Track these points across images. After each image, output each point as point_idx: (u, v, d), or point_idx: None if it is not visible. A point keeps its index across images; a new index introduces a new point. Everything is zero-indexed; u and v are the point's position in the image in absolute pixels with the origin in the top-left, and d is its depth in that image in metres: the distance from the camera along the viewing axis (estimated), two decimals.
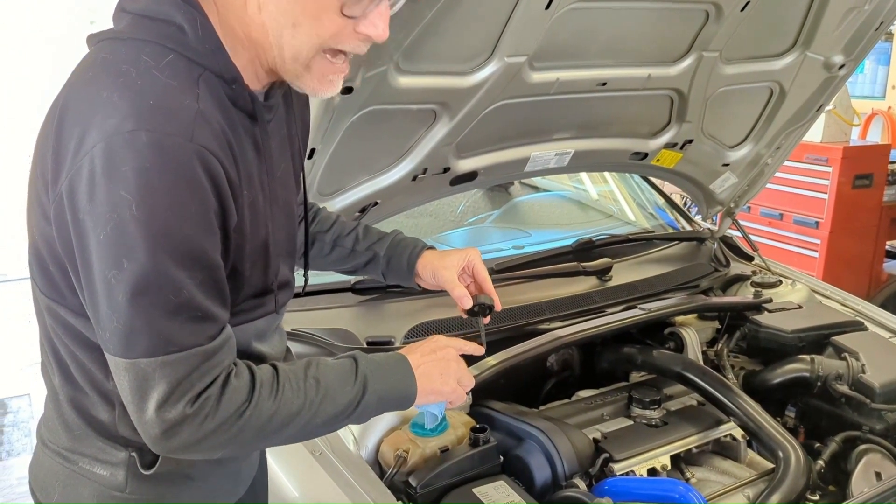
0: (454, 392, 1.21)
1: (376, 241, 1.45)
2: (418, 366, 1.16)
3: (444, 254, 1.43)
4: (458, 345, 1.27)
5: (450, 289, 1.39)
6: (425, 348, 1.21)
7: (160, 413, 0.90)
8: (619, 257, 2.28)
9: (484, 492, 1.39)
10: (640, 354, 1.86)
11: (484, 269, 1.44)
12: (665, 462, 1.57)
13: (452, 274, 1.39)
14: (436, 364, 1.19)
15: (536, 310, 1.95)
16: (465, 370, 1.24)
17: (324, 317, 1.88)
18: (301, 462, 1.46)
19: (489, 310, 1.44)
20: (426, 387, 1.16)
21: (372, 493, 1.37)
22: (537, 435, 1.55)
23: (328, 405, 1.04)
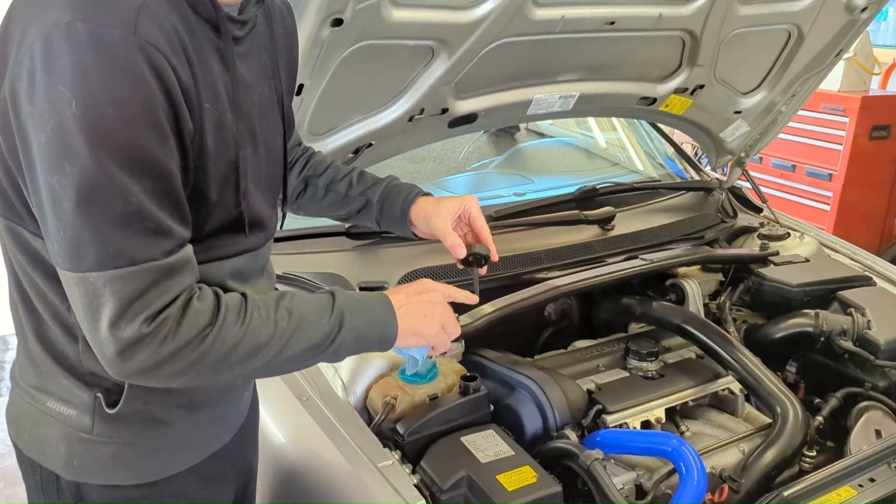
0: (437, 336, 1.15)
1: (370, 186, 1.39)
2: (401, 306, 1.11)
3: (440, 201, 1.38)
4: (448, 290, 1.22)
5: (443, 237, 1.34)
6: (411, 289, 1.16)
7: (113, 331, 0.86)
8: (623, 206, 2.22)
9: (472, 440, 1.37)
10: (639, 305, 1.82)
11: (481, 217, 1.38)
12: (659, 415, 1.54)
13: (446, 222, 1.33)
14: (420, 306, 1.13)
15: (535, 258, 1.90)
16: (451, 316, 1.19)
17: (316, 261, 1.84)
18: (287, 407, 1.44)
19: (484, 260, 1.39)
20: (408, 328, 1.11)
21: (358, 440, 1.35)
22: (529, 384, 1.52)
23: (301, 338, 0.99)
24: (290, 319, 0.99)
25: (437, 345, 1.18)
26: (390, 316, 1.10)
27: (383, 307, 1.10)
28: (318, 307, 1.03)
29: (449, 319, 1.18)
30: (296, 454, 1.39)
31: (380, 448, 1.34)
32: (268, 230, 1.11)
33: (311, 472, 1.34)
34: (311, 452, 1.37)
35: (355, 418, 1.42)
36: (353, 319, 1.04)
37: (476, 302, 1.29)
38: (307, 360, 1.05)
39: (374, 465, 1.29)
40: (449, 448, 1.35)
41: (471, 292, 1.28)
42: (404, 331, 1.11)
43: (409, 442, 1.36)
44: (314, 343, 1.01)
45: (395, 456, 1.33)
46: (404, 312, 1.11)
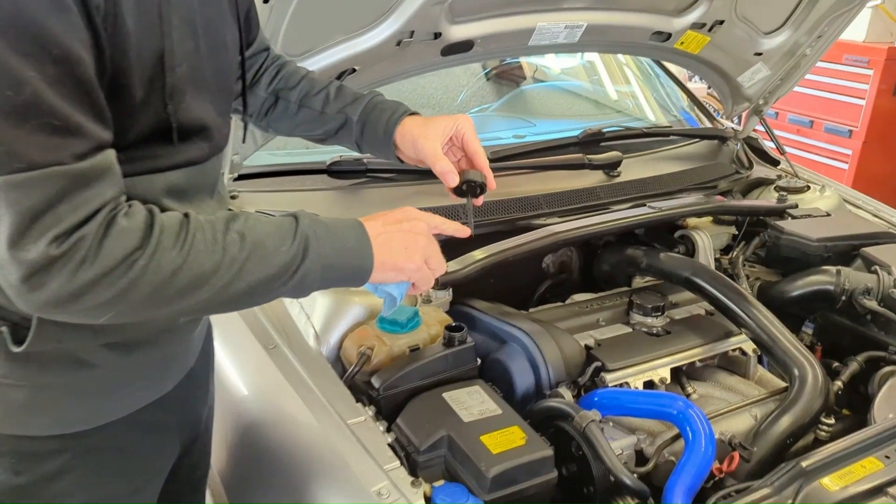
0: (420, 271, 1.00)
1: (350, 103, 1.23)
2: (378, 234, 0.96)
3: (428, 121, 1.20)
4: (434, 220, 1.05)
5: (432, 162, 1.16)
6: (390, 217, 1.00)
7: (15, 252, 0.71)
8: (631, 152, 2.06)
9: (455, 397, 1.23)
10: (645, 257, 1.66)
11: (476, 139, 1.21)
12: (664, 375, 1.40)
13: (435, 144, 1.16)
14: (401, 235, 0.98)
15: (533, 203, 1.74)
16: (436, 250, 1.03)
17: (292, 200, 1.68)
18: (251, 355, 1.30)
19: (480, 189, 1.22)
20: (385, 259, 0.96)
21: (328, 393, 1.21)
22: (521, 337, 1.37)
23: (256, 266, 0.85)
24: (243, 244, 0.84)
25: (419, 282, 1.03)
26: (365, 245, 0.94)
27: (357, 235, 0.95)
28: (277, 231, 0.88)
29: (433, 253, 1.02)
30: (259, 408, 1.26)
31: (351, 403, 1.20)
32: (214, 141, 0.95)
33: (274, 427, 1.20)
34: (274, 407, 1.23)
35: (326, 370, 1.28)
36: (319, 247, 0.89)
37: (468, 235, 1.14)
38: (265, 294, 0.89)
39: (344, 422, 1.15)
40: (429, 405, 1.21)
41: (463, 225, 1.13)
42: (381, 263, 0.96)
43: (385, 397, 1.22)
44: (272, 273, 0.86)
45: (368, 412, 1.19)
46: (382, 242, 0.96)
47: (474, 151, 1.20)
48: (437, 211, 1.61)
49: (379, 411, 1.22)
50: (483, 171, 1.20)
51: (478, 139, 1.21)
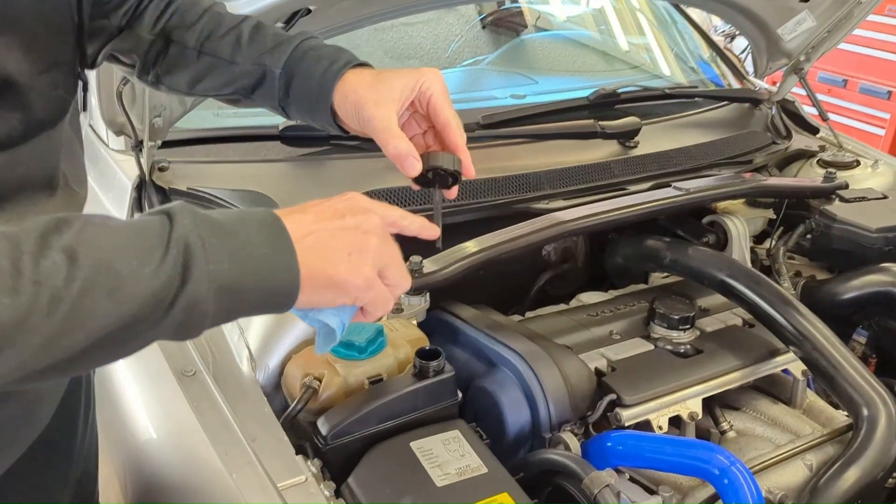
0: (370, 289, 0.67)
1: (271, 48, 0.89)
2: (307, 235, 0.64)
3: (380, 77, 0.86)
4: (391, 213, 0.72)
5: (382, 140, 0.82)
6: (327, 208, 0.68)
7: None
8: (650, 118, 1.73)
9: (427, 447, 0.93)
10: (668, 250, 1.35)
11: (447, 104, 0.86)
12: (695, 409, 1.11)
13: (388, 113, 0.82)
14: (342, 236, 0.66)
15: (533, 182, 1.42)
16: (395, 257, 0.70)
17: (236, 173, 1.36)
18: (161, 386, 1.00)
19: (452, 178, 0.88)
20: (317, 273, 0.64)
21: (258, 439, 0.92)
22: (514, 361, 1.08)
23: (101, 304, 0.54)
24: (74, 271, 0.53)
25: (371, 305, 0.70)
26: (284, 251, 0.62)
27: (271, 236, 0.62)
28: (136, 241, 0.56)
29: (391, 261, 0.70)
30: (162, 460, 0.96)
31: (289, 455, 0.91)
32: (33, 111, 0.65)
33: (176, 491, 0.91)
34: (181, 459, 0.94)
35: (259, 407, 0.98)
36: (210, 259, 0.57)
37: (436, 236, 0.82)
38: (123, 345, 0.58)
39: (273, 485, 0.86)
40: (392, 459, 0.92)
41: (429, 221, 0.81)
42: (311, 278, 0.63)
43: (334, 447, 0.93)
44: (131, 311, 0.55)
45: (310, 468, 0.90)
46: (312, 246, 0.64)
47: (445, 122, 0.85)
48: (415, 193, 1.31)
49: (326, 466, 0.93)
50: (456, 152, 0.87)
51: (450, 103, 0.86)
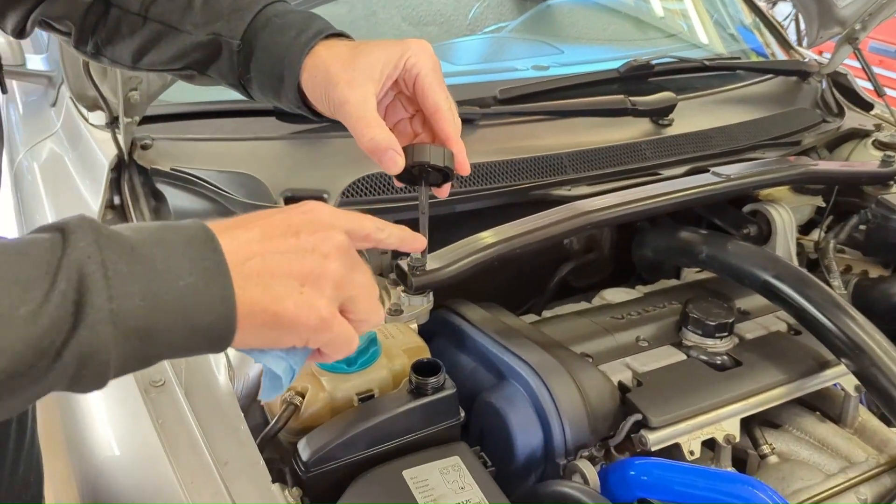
0: (327, 330, 0.53)
1: (228, 14, 0.75)
2: (249, 258, 0.51)
3: (357, 51, 0.71)
4: (363, 228, 0.58)
5: (356, 129, 0.68)
6: (276, 224, 0.54)
7: None
8: (687, 92, 1.57)
9: (420, 477, 0.81)
10: (705, 244, 1.21)
11: (438, 82, 0.72)
12: (731, 431, 0.97)
13: (364, 94, 0.68)
14: (292, 260, 0.52)
15: (554, 164, 1.28)
16: (364, 284, 0.56)
17: (226, 152, 1.24)
18: (121, 395, 0.88)
19: (444, 175, 0.75)
20: (259, 308, 0.50)
21: (231, 463, 0.80)
22: (524, 374, 0.95)
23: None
24: None
25: (330, 346, 0.56)
26: (215, 279, 0.48)
27: (198, 258, 0.48)
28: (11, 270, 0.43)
29: (358, 290, 0.55)
30: (123, 482, 0.85)
31: (264, 482, 0.79)
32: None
33: None
34: (142, 483, 0.83)
35: (235, 424, 0.86)
36: (113, 294, 0.44)
37: (421, 248, 0.68)
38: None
39: None
40: (380, 490, 0.80)
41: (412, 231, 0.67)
42: (251, 315, 0.50)
43: (315, 475, 0.81)
44: (4, 364, 0.42)
45: (287, 498, 0.79)
46: (254, 272, 0.50)
47: (434, 106, 0.71)
48: None
49: (305, 495, 0.81)
50: (447, 144, 0.72)
51: (442, 83, 0.72)
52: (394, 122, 0.77)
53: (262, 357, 0.55)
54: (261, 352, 0.55)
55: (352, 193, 1.16)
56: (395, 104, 0.76)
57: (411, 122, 0.76)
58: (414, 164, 0.71)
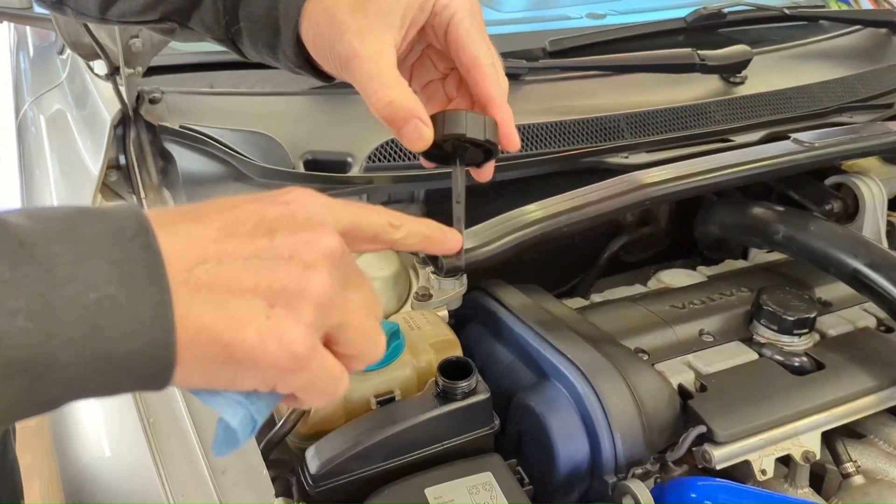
0: (302, 369, 0.39)
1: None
2: (198, 263, 0.37)
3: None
4: (369, 222, 0.44)
5: (367, 91, 0.54)
6: (244, 216, 0.39)
7: None
8: (763, 45, 1.39)
9: (445, 496, 0.70)
10: (782, 223, 1.05)
11: (477, 34, 0.57)
12: (811, 447, 0.83)
13: (379, 47, 0.53)
14: (260, 270, 0.38)
15: (610, 127, 1.13)
16: (360, 305, 0.42)
17: (242, 108, 1.11)
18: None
19: (485, 153, 0.60)
20: (207, 336, 0.36)
21: (231, 471, 0.70)
22: (569, 375, 0.82)
23: None
24: None
25: (306, 391, 0.41)
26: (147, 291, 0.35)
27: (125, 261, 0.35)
28: None
29: (351, 316, 0.41)
30: (110, 489, 0.75)
31: (267, 495, 0.69)
32: None
33: None
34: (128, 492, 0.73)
35: None
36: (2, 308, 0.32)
37: (457, 247, 0.54)
38: None
39: None
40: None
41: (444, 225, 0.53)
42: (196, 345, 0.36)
43: (324, 490, 0.70)
44: None
45: None
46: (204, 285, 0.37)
47: (472, 60, 0.56)
48: None
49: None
50: (489, 109, 0.57)
51: (482, 31, 0.57)
52: (422, 84, 0.63)
53: (211, 400, 0.40)
54: (210, 393, 0.40)
55: (380, 158, 1.03)
56: (423, 61, 0.61)
57: (444, 84, 0.62)
58: (445, 138, 0.55)
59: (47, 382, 0.33)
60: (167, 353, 0.35)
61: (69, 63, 1.25)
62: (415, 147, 0.55)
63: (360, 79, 0.54)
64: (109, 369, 0.34)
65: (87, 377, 0.34)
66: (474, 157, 0.60)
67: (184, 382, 0.37)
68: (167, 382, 0.37)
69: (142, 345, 0.35)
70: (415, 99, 0.54)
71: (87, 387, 0.35)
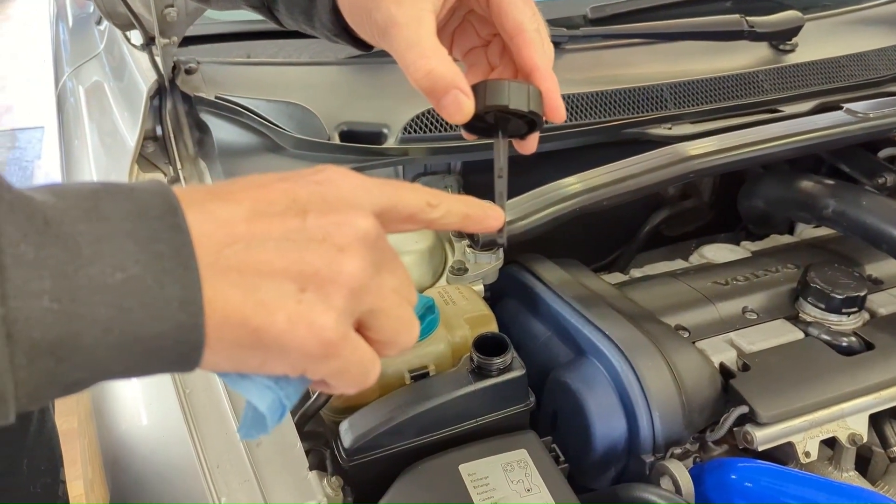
0: (334, 356, 0.38)
1: None
2: (229, 244, 0.36)
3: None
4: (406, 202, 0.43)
5: (406, 60, 0.51)
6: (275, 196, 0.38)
7: None
8: (814, 11, 1.33)
9: (479, 473, 0.69)
10: (832, 198, 1.01)
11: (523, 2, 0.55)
12: (858, 429, 0.81)
13: (417, 14, 0.51)
14: (291, 253, 0.37)
15: (653, 97, 1.09)
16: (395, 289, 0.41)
17: (277, 79, 1.10)
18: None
19: (529, 123, 0.58)
20: (236, 320, 0.35)
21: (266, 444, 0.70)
22: (606, 352, 0.80)
23: None
24: None
25: (338, 377, 0.40)
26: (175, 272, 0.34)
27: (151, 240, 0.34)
28: None
29: (384, 300, 0.41)
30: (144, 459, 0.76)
31: (301, 469, 0.69)
32: None
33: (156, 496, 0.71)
34: (162, 465, 0.73)
35: None
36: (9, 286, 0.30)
37: (498, 224, 0.51)
38: None
39: None
40: (432, 486, 0.69)
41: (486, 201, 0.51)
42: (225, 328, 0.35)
43: (358, 465, 0.70)
44: None
45: (326, 489, 0.68)
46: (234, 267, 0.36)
47: (516, 27, 0.54)
48: None
49: (346, 486, 0.71)
50: (533, 78, 0.55)
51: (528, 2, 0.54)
52: (463, 51, 0.61)
53: (240, 384, 0.39)
54: (240, 376, 0.39)
55: (416, 129, 1.02)
56: (464, 27, 0.59)
57: (486, 51, 0.60)
58: (487, 110, 0.53)
59: (73, 364, 0.33)
60: (195, 336, 0.35)
61: (107, 34, 1.25)
62: (454, 119, 0.53)
63: (399, 47, 0.52)
64: (136, 351, 0.34)
65: (113, 359, 0.34)
66: (517, 129, 0.58)
67: (212, 366, 0.37)
68: (195, 365, 0.36)
69: (169, 327, 0.34)
70: (455, 68, 0.52)
71: (113, 369, 0.34)
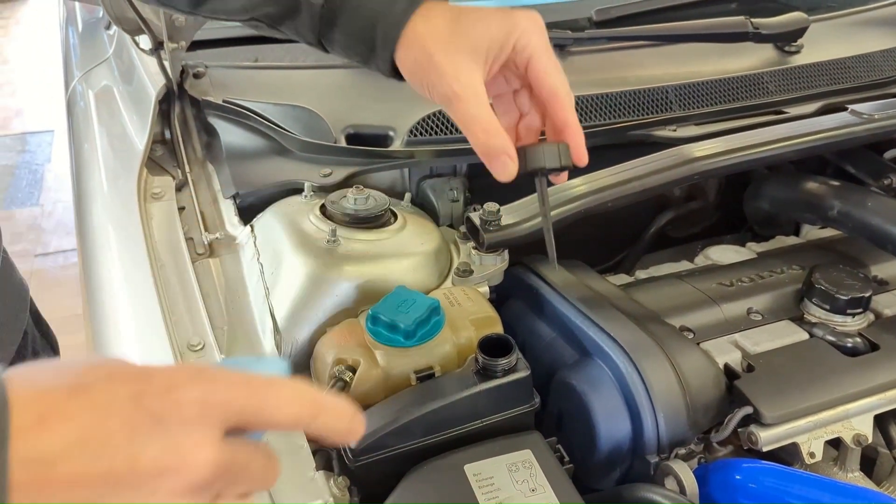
0: None
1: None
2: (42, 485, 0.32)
3: (458, 24, 0.64)
4: (265, 416, 0.41)
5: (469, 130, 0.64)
6: (113, 416, 0.34)
7: None
8: (819, 12, 1.33)
9: (484, 473, 0.70)
10: (837, 199, 1.01)
11: (553, 67, 0.66)
12: (863, 430, 0.81)
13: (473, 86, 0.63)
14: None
15: (658, 99, 1.10)
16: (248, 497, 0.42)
17: (284, 82, 1.11)
18: (155, 359, 0.80)
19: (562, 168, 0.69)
20: None
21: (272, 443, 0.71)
22: (611, 353, 0.80)
23: None
24: None
25: None
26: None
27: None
28: None
29: None
30: None
31: (307, 469, 0.70)
32: None
33: None
34: None
35: None
36: None
37: (357, 436, 0.47)
38: None
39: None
40: (437, 486, 0.69)
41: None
42: None
43: (364, 465, 0.71)
44: None
45: (332, 489, 0.69)
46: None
47: (551, 92, 0.65)
48: None
49: (352, 486, 0.71)
50: (564, 134, 0.68)
51: (556, 63, 0.66)
52: (493, 94, 0.70)
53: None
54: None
55: (421, 132, 1.03)
56: (497, 78, 0.68)
57: (516, 98, 0.70)
58: (529, 172, 0.67)
59: None
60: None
61: (116, 38, 1.26)
62: (500, 178, 0.66)
63: (462, 119, 0.64)
64: None
65: None
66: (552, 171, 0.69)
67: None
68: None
69: None
70: (506, 139, 0.64)
71: None
